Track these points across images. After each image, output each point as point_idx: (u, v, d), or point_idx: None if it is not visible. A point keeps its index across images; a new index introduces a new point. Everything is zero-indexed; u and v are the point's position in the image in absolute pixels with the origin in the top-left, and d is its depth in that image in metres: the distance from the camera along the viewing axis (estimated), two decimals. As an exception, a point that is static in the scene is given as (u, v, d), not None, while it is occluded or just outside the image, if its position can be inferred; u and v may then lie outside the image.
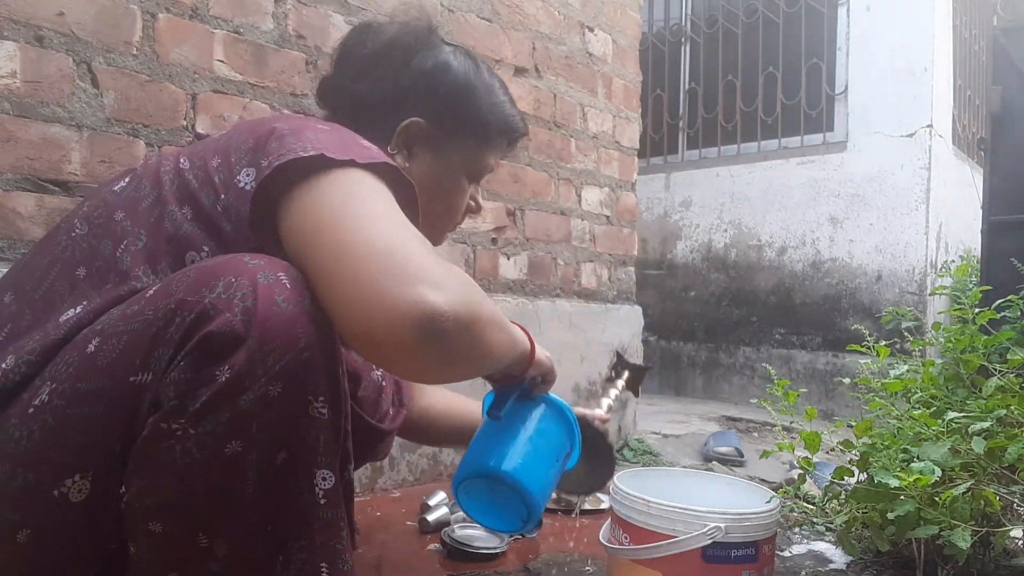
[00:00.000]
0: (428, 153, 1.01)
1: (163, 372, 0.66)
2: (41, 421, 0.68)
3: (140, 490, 0.67)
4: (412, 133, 0.99)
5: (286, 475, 0.69)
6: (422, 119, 0.98)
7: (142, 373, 0.67)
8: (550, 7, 2.28)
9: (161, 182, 0.82)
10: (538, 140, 2.25)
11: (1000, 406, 1.22)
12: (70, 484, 0.67)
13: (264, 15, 1.56)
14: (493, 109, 1.04)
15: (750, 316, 4.12)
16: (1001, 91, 2.12)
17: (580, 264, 2.42)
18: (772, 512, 1.05)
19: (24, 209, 1.25)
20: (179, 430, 0.65)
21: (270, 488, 0.68)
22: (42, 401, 0.68)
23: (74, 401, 0.68)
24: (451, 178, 1.03)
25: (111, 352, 0.68)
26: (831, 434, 1.40)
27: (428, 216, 0.96)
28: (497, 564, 1.32)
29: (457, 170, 1.04)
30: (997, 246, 2.07)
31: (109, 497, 0.68)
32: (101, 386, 0.67)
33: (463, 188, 1.05)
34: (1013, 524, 1.20)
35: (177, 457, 0.65)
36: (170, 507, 0.67)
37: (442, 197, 1.03)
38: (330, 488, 0.71)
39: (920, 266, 3.60)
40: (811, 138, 3.95)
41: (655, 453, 2.48)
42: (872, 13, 3.78)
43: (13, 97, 1.24)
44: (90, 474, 0.68)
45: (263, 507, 0.68)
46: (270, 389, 0.66)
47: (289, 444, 0.69)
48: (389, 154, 0.96)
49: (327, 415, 0.70)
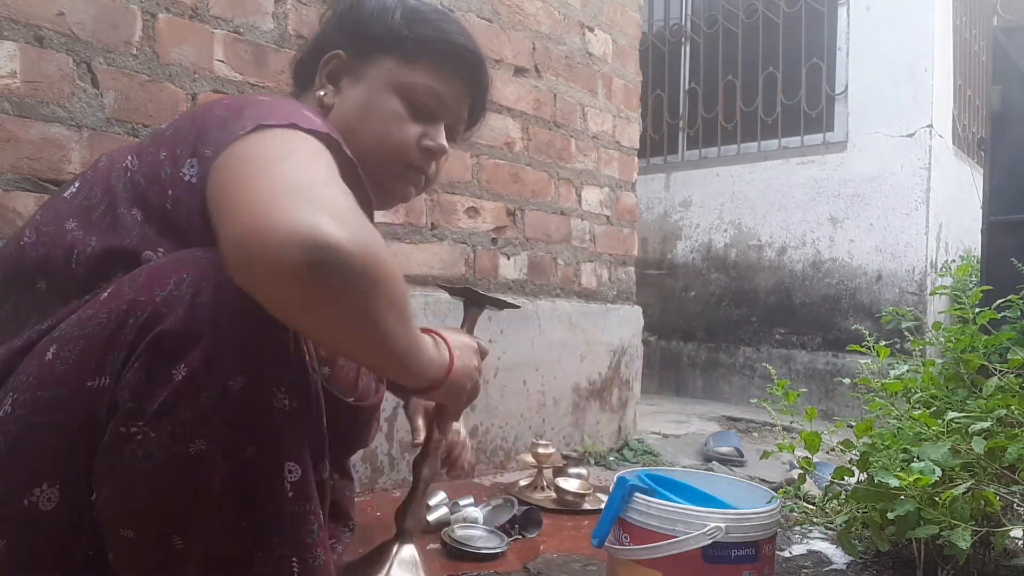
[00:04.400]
0: (353, 84, 0.96)
1: (118, 375, 0.65)
2: (5, 432, 0.67)
3: (107, 498, 0.66)
4: (333, 66, 0.96)
5: (255, 470, 0.68)
6: (340, 50, 0.96)
7: (98, 377, 0.66)
8: (550, 7, 2.28)
9: (111, 187, 0.79)
10: (538, 140, 2.25)
11: (1000, 406, 1.22)
12: (39, 493, 0.66)
13: (264, 15, 1.56)
14: (411, 23, 0.96)
15: (750, 316, 4.12)
16: (1001, 91, 2.12)
17: (580, 264, 2.42)
18: (772, 512, 1.04)
19: (24, 209, 1.25)
20: (139, 433, 0.64)
21: (239, 484, 0.67)
22: (5, 412, 0.67)
23: (35, 410, 0.67)
24: (379, 101, 0.95)
25: (68, 358, 0.67)
26: (831, 434, 1.40)
27: (367, 151, 0.92)
28: (497, 564, 1.32)
29: (384, 91, 0.95)
30: (997, 246, 2.07)
31: (80, 504, 0.67)
32: (60, 393, 0.66)
33: (397, 113, 0.95)
34: (1013, 524, 1.20)
35: (140, 461, 0.64)
36: (139, 512, 0.66)
37: (372, 123, 0.95)
38: (297, 480, 0.70)
39: (920, 266, 3.60)
40: (811, 138, 3.95)
41: (655, 453, 2.48)
42: (872, 13, 3.78)
43: (13, 97, 1.23)
44: (58, 483, 0.67)
45: (234, 504, 0.67)
46: (230, 383, 0.65)
47: (256, 438, 0.67)
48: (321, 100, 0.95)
49: (292, 405, 0.69)
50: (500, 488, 1.85)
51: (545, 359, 2.20)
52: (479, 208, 2.08)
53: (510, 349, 2.07)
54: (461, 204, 2.04)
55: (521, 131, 2.20)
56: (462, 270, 2.04)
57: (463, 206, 2.04)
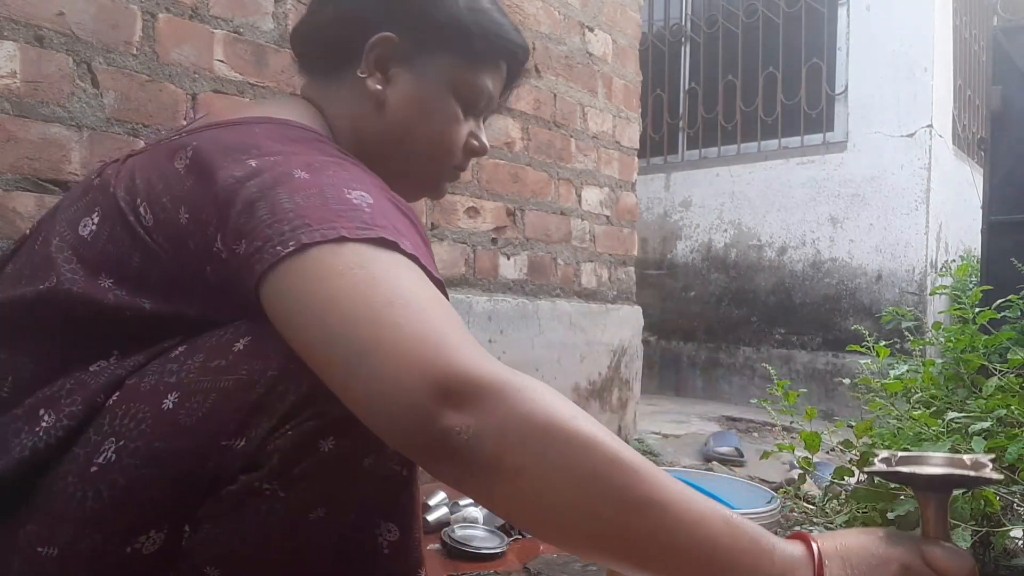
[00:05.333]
0: (406, 73, 0.84)
1: (262, 440, 0.62)
2: (110, 481, 0.61)
3: (209, 537, 0.64)
4: (382, 51, 0.83)
5: (357, 532, 0.71)
6: (392, 33, 0.82)
7: (237, 439, 0.62)
8: (550, 7, 2.28)
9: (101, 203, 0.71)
10: (538, 140, 2.25)
11: (1000, 406, 1.22)
12: (144, 540, 0.62)
13: (264, 15, 1.56)
14: (475, 15, 0.85)
15: (750, 316, 4.12)
16: (1001, 91, 2.13)
17: (580, 264, 2.42)
18: (772, 512, 1.04)
19: (24, 209, 1.25)
20: (270, 490, 0.63)
21: (341, 547, 0.70)
22: (107, 459, 0.61)
23: (150, 461, 0.61)
24: (438, 100, 0.85)
25: (196, 411, 0.61)
26: (831, 434, 1.40)
27: (418, 151, 0.86)
28: (497, 564, 1.32)
29: (443, 90, 0.85)
30: (997, 246, 2.07)
31: (177, 542, 0.65)
32: (185, 447, 0.61)
33: (455, 115, 0.87)
34: (1013, 524, 1.20)
35: (262, 515, 0.64)
36: (237, 557, 0.65)
37: (429, 123, 0.86)
38: (396, 540, 0.73)
39: (920, 266, 3.60)
40: (811, 138, 3.95)
41: (655, 453, 2.48)
42: (872, 13, 3.78)
43: (13, 97, 1.23)
44: (165, 528, 0.63)
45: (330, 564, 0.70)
46: (366, 461, 0.67)
47: (365, 503, 0.70)
48: (376, 94, 0.83)
49: (404, 474, 0.72)
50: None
51: (545, 359, 2.19)
52: (479, 208, 2.08)
53: (510, 349, 2.07)
54: (461, 204, 2.04)
55: (521, 131, 2.20)
56: (462, 270, 2.04)
57: (463, 206, 2.04)
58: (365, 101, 0.84)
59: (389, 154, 0.85)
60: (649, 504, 0.52)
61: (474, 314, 1.97)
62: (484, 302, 2.02)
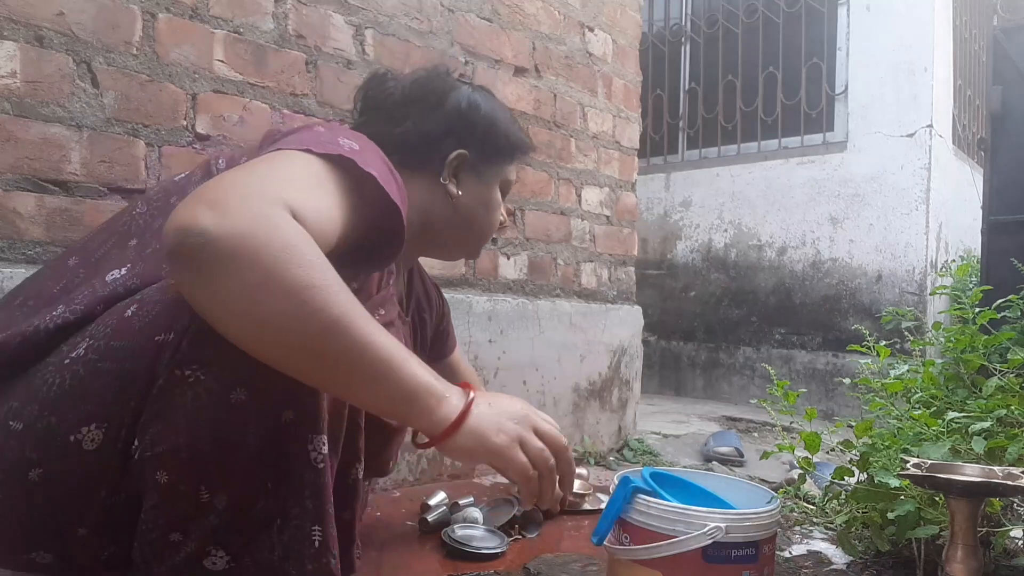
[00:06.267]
0: (472, 178, 1.16)
1: (184, 329, 0.72)
2: (73, 371, 0.73)
3: (153, 438, 0.72)
4: (459, 163, 1.13)
5: (289, 435, 0.74)
6: (465, 150, 1.13)
7: (165, 333, 0.72)
8: (550, 7, 2.28)
9: (210, 171, 0.90)
10: (538, 140, 2.25)
11: (1000, 406, 1.22)
12: (85, 432, 0.72)
13: (264, 15, 1.56)
14: (512, 133, 1.20)
15: (750, 316, 4.12)
16: (1001, 91, 2.13)
17: (580, 264, 2.42)
18: (772, 512, 1.04)
19: (24, 209, 1.25)
20: (191, 376, 0.71)
21: (271, 445, 0.73)
22: (78, 354, 0.73)
23: (106, 356, 0.73)
24: (494, 197, 1.20)
25: (145, 316, 0.74)
26: (831, 434, 1.40)
27: (481, 233, 1.19)
28: (497, 564, 1.32)
29: (494, 187, 1.20)
30: (997, 246, 2.08)
31: (116, 449, 0.73)
32: (131, 344, 0.73)
33: (499, 203, 1.22)
34: (1013, 524, 1.20)
35: (188, 402, 0.71)
36: (178, 453, 0.71)
37: (488, 214, 1.19)
38: (325, 456, 0.76)
39: (920, 266, 3.60)
40: (811, 138, 3.95)
41: (655, 453, 2.48)
42: (872, 13, 3.78)
43: (13, 97, 1.24)
44: (105, 425, 0.72)
45: (263, 463, 0.73)
46: None
47: (294, 404, 0.73)
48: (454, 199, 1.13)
49: None
50: (500, 488, 1.85)
51: (545, 359, 2.20)
52: (479, 208, 2.08)
53: (510, 349, 2.07)
54: (461, 204, 2.04)
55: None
56: (462, 270, 2.04)
57: (463, 206, 2.04)
58: (439, 197, 1.13)
59: (452, 236, 1.17)
60: (339, 324, 0.66)
61: (474, 314, 1.97)
62: (484, 302, 2.02)
